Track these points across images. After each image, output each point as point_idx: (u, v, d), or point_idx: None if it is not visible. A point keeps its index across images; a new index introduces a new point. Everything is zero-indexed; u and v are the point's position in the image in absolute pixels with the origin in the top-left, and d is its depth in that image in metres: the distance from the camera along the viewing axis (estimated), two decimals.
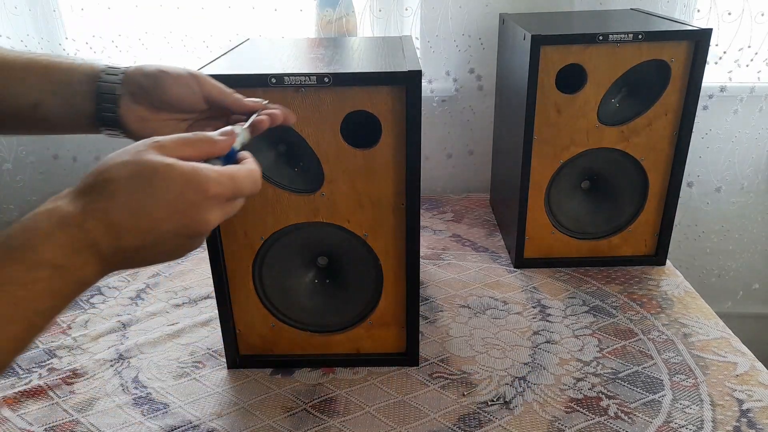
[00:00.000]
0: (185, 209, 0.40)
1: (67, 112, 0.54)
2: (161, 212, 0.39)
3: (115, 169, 0.39)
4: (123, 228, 0.39)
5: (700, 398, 0.69)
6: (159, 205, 0.39)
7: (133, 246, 0.39)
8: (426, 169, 1.31)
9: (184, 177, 0.40)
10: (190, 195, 0.40)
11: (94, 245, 0.38)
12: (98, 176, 0.40)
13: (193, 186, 0.40)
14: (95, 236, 0.38)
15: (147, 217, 0.39)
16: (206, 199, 0.41)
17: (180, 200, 0.40)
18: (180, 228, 0.40)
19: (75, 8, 1.23)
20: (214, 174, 0.41)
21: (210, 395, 0.72)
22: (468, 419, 0.67)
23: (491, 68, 1.19)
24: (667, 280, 0.94)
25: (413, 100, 0.62)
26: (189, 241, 0.42)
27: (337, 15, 1.11)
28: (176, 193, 0.39)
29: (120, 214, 0.38)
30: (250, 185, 0.45)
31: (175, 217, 0.40)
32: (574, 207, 0.97)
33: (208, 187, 0.41)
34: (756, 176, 1.31)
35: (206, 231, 0.42)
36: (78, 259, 0.38)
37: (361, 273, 0.72)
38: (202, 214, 0.41)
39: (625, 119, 0.90)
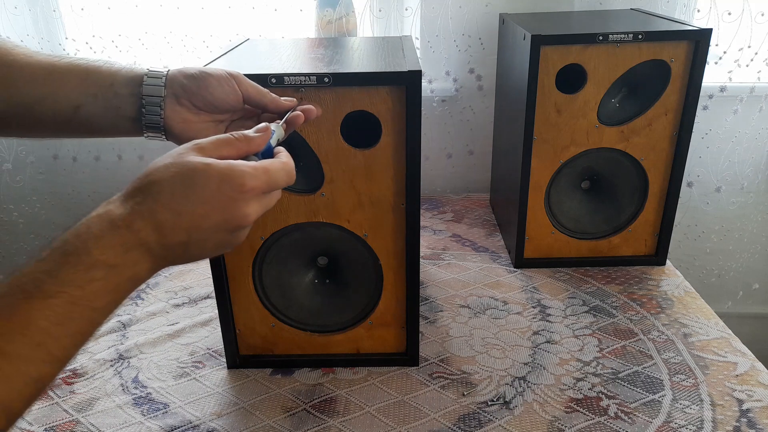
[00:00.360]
0: (224, 205, 0.42)
1: (109, 114, 0.55)
2: (202, 209, 0.42)
3: (159, 172, 0.42)
4: (168, 226, 0.41)
5: (700, 398, 0.69)
6: (199, 203, 0.42)
7: (178, 242, 0.42)
8: (426, 169, 1.31)
9: (221, 174, 0.42)
10: (227, 191, 0.42)
11: (143, 244, 0.41)
12: (144, 179, 0.42)
13: (229, 182, 0.42)
14: (144, 236, 0.40)
15: (189, 215, 0.42)
16: (242, 193, 0.43)
17: (218, 197, 0.42)
18: (221, 223, 0.43)
19: (75, 8, 1.23)
20: (248, 169, 0.44)
21: (210, 395, 0.72)
22: (468, 419, 0.67)
23: (491, 68, 1.19)
24: (667, 280, 0.94)
25: (413, 100, 0.62)
26: (232, 236, 0.44)
27: (337, 15, 1.11)
28: (214, 190, 0.42)
29: (164, 213, 0.41)
30: (285, 177, 0.47)
31: (215, 213, 0.42)
32: (574, 207, 0.97)
33: (243, 181, 0.43)
34: (756, 176, 1.31)
35: (247, 224, 0.44)
36: (129, 258, 0.40)
37: (361, 273, 0.72)
38: (241, 208, 0.43)
39: (625, 119, 0.90)
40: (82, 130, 0.56)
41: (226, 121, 0.58)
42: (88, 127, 0.56)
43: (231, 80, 0.56)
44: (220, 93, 0.55)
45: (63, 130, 0.56)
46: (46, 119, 0.54)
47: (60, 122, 0.55)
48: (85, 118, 0.55)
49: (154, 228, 0.41)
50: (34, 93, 0.53)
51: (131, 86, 0.55)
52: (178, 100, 0.55)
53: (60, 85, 0.54)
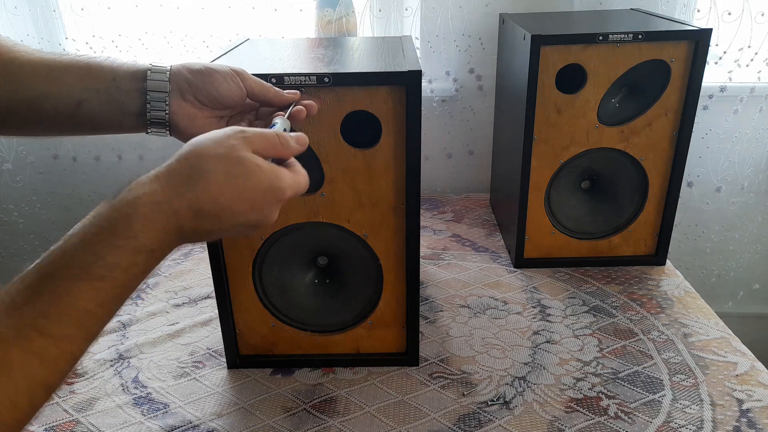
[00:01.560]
0: (261, 207, 0.45)
1: (111, 110, 0.55)
2: (242, 206, 0.44)
3: (212, 162, 0.43)
4: (207, 215, 0.43)
5: (700, 398, 0.69)
6: (242, 201, 0.44)
7: (208, 229, 0.44)
8: (426, 169, 1.31)
9: (270, 181, 0.45)
10: (270, 197, 0.45)
11: (180, 228, 0.42)
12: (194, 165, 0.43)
13: (274, 190, 0.45)
14: (183, 221, 0.42)
15: (229, 210, 0.43)
16: (280, 201, 0.46)
17: (260, 200, 0.45)
18: (251, 220, 0.45)
19: (75, 8, 1.23)
20: (291, 182, 0.47)
21: (210, 395, 0.72)
22: (468, 419, 0.67)
23: (491, 68, 1.19)
24: (667, 280, 0.94)
25: (413, 100, 0.62)
26: (251, 231, 0.47)
27: (337, 15, 1.11)
28: (260, 193, 0.44)
29: (208, 204, 0.42)
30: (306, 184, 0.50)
31: (252, 212, 0.45)
32: (574, 207, 0.97)
33: (285, 193, 0.46)
34: (756, 176, 1.31)
35: (269, 222, 0.47)
36: (166, 241, 0.42)
37: (361, 273, 0.72)
38: (273, 213, 0.46)
39: (625, 119, 0.90)
40: (85, 126, 0.56)
41: (227, 116, 0.58)
42: (90, 123, 0.55)
43: (235, 76, 0.56)
44: (225, 89, 0.55)
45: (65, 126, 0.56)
46: (49, 115, 0.54)
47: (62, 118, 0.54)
48: (87, 113, 0.54)
49: (195, 215, 0.42)
50: (36, 89, 0.53)
51: (134, 81, 0.54)
52: (183, 95, 0.55)
53: (62, 80, 0.53)
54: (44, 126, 0.56)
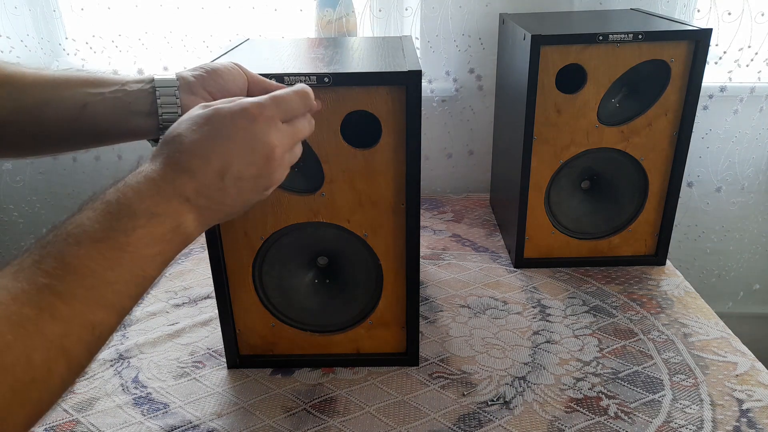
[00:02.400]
0: (243, 137, 0.44)
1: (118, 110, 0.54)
2: (225, 146, 0.44)
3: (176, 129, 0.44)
4: (199, 171, 0.43)
5: (700, 398, 0.69)
6: (221, 141, 0.44)
7: (215, 187, 0.43)
8: (426, 169, 1.31)
9: (231, 111, 0.45)
10: (242, 123, 0.44)
11: (181, 194, 0.42)
12: (166, 138, 0.44)
13: (240, 115, 0.44)
14: (179, 185, 0.42)
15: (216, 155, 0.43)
16: (256, 122, 0.45)
17: (235, 130, 0.44)
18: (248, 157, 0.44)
19: (75, 8, 1.23)
20: (255, 100, 0.46)
21: (210, 395, 0.72)
22: (468, 419, 0.67)
23: (491, 68, 1.19)
24: (667, 280, 0.94)
25: (413, 100, 0.62)
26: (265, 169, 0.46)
27: (337, 15, 1.11)
28: (230, 126, 0.44)
29: (193, 159, 0.43)
30: (299, 100, 0.48)
31: (239, 147, 0.44)
32: (574, 207, 0.97)
33: (252, 109, 0.45)
34: (756, 176, 1.31)
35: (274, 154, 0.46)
36: (170, 207, 0.41)
37: (361, 273, 0.72)
38: (261, 138, 0.45)
39: (625, 119, 0.90)
40: (88, 132, 0.55)
41: None
42: (94, 128, 0.54)
43: (236, 67, 0.57)
44: (229, 77, 0.56)
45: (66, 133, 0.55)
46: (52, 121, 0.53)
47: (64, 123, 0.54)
48: (91, 116, 0.54)
49: (189, 175, 0.42)
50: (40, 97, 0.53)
51: (142, 83, 0.55)
52: (192, 89, 0.55)
53: (66, 87, 0.53)
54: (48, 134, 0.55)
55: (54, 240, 0.37)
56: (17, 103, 0.53)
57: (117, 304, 0.39)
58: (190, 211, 0.43)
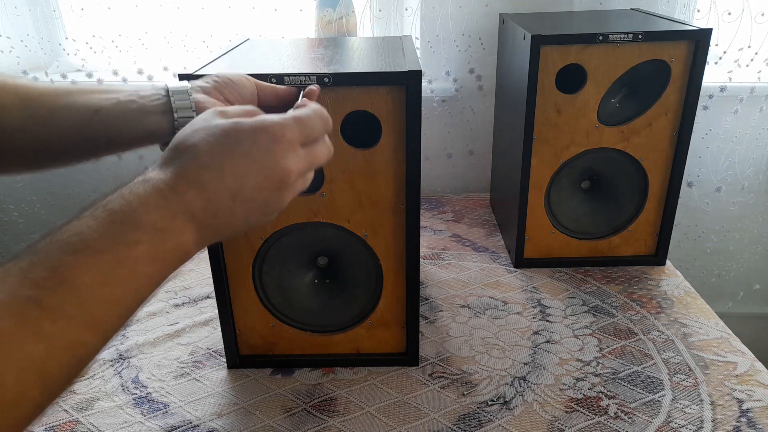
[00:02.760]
0: (261, 158, 0.41)
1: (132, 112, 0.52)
2: (243, 165, 0.41)
3: (192, 137, 0.41)
4: (212, 188, 0.40)
5: (700, 398, 0.69)
6: (238, 159, 0.41)
7: (224, 206, 0.41)
8: (426, 169, 1.31)
9: (252, 128, 0.42)
10: (263, 143, 0.41)
11: (188, 210, 0.39)
12: (178, 146, 0.41)
13: (263, 133, 0.42)
14: (188, 199, 0.39)
15: (231, 173, 0.40)
16: (277, 143, 0.42)
17: (255, 150, 0.41)
18: (263, 179, 0.42)
19: (75, 8, 1.23)
20: (278, 119, 0.43)
21: (210, 395, 0.72)
22: (468, 419, 0.67)
23: (491, 68, 1.19)
24: (667, 280, 0.94)
25: (413, 100, 0.62)
26: (276, 195, 0.43)
27: (337, 15, 1.11)
28: (250, 144, 0.41)
29: (207, 173, 0.40)
30: (320, 123, 0.45)
31: (256, 167, 0.41)
32: (574, 207, 0.97)
33: (274, 130, 0.42)
34: (756, 176, 1.31)
35: (289, 180, 0.43)
36: (175, 223, 0.39)
37: (361, 273, 0.72)
38: (280, 161, 0.42)
39: (625, 119, 0.90)
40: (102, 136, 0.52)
41: None
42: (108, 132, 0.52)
43: (245, 76, 0.57)
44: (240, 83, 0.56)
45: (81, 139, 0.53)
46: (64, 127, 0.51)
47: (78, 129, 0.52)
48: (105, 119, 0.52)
49: (199, 190, 0.39)
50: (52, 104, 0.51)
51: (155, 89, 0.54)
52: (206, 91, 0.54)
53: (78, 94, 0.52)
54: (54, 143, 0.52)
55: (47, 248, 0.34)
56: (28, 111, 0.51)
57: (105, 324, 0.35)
58: (193, 230, 0.40)
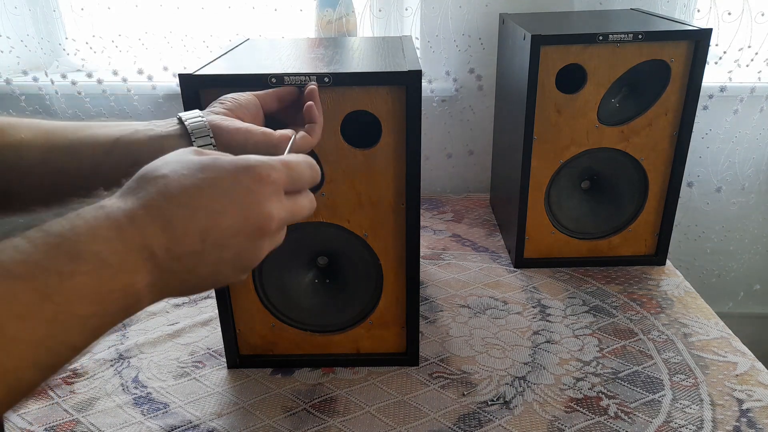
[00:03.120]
0: (242, 198, 0.36)
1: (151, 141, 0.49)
2: (218, 204, 0.35)
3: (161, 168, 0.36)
4: (179, 226, 0.34)
5: (700, 398, 0.69)
6: (215, 196, 0.35)
7: (190, 251, 0.34)
8: (426, 169, 1.31)
9: (235, 165, 0.37)
10: (245, 181, 0.36)
11: (146, 247, 0.33)
12: (145, 176, 0.36)
13: (246, 172, 0.36)
14: (149, 235, 0.33)
15: (204, 211, 0.35)
16: (262, 184, 0.37)
17: (236, 189, 0.36)
18: (241, 223, 0.36)
19: (75, 8, 1.23)
20: (265, 159, 0.38)
21: (210, 395, 0.72)
22: (468, 419, 0.67)
23: (491, 68, 1.19)
24: (667, 280, 0.94)
25: (413, 100, 0.62)
26: (252, 244, 0.37)
27: (337, 15, 1.11)
28: (230, 181, 0.36)
29: (175, 209, 0.34)
30: (309, 172, 0.41)
31: (233, 208, 0.36)
32: (574, 207, 0.97)
33: (260, 171, 0.37)
34: (757, 177, 1.31)
35: (269, 227, 0.37)
36: (127, 261, 0.32)
37: (361, 273, 0.72)
38: (262, 204, 0.37)
39: (625, 119, 0.90)
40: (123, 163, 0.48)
41: None
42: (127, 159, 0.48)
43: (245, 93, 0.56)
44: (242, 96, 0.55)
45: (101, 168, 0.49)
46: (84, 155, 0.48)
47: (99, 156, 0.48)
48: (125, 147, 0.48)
49: (163, 226, 0.33)
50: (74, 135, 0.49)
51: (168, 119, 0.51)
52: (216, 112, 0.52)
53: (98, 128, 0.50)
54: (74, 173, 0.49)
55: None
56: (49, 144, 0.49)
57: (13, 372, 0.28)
58: (148, 271, 0.33)
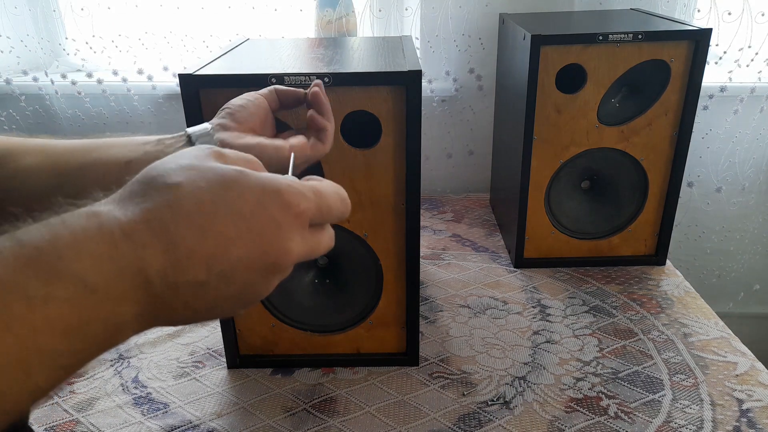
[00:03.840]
0: (262, 227, 0.30)
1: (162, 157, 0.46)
2: (233, 229, 0.29)
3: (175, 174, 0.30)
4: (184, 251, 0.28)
5: (700, 398, 0.69)
6: (231, 220, 0.29)
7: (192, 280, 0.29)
8: (426, 169, 1.31)
9: (262, 186, 0.31)
10: (270, 207, 0.30)
11: (141, 271, 0.27)
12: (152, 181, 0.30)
13: (272, 197, 0.31)
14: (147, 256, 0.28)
15: (215, 237, 0.29)
16: (287, 215, 0.31)
17: (258, 214, 0.30)
18: (254, 254, 0.30)
19: (75, 8, 1.23)
20: (297, 185, 0.32)
21: (210, 395, 0.72)
22: (468, 419, 0.67)
23: (491, 68, 1.19)
24: (667, 280, 0.94)
25: (413, 100, 0.62)
26: (262, 279, 0.31)
27: (337, 15, 1.11)
28: (254, 205, 0.30)
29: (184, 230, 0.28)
30: (340, 205, 0.35)
31: (250, 237, 0.30)
32: (574, 207, 0.97)
33: (289, 198, 0.31)
34: (757, 177, 1.31)
35: (285, 265, 0.31)
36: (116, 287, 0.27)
37: (361, 273, 0.72)
38: (283, 238, 0.31)
39: (625, 119, 0.90)
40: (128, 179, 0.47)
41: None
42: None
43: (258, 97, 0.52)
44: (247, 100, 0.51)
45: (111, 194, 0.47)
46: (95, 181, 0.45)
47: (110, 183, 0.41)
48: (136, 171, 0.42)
49: (165, 248, 0.28)
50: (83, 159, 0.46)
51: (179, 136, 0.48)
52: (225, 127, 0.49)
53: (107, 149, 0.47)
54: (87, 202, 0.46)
55: None
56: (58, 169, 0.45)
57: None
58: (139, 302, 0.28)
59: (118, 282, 0.27)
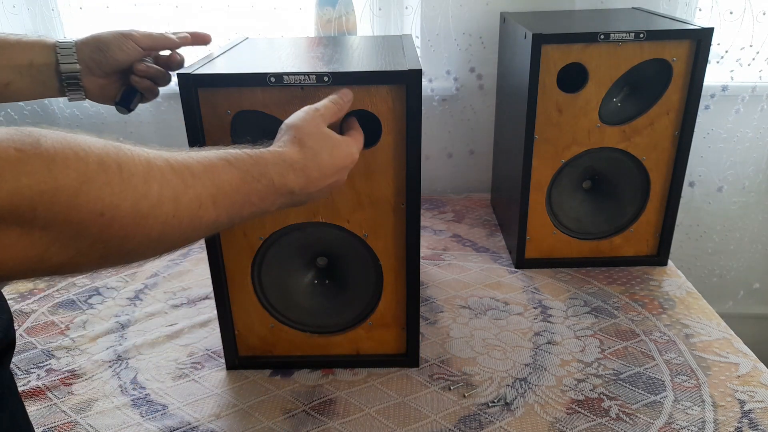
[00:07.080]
0: (339, 170, 0.56)
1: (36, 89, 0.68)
2: (329, 170, 0.55)
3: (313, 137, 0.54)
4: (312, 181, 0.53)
5: (702, 399, 0.68)
6: (330, 165, 0.54)
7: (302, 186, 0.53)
8: (426, 168, 1.30)
9: (348, 150, 0.57)
10: (346, 162, 0.56)
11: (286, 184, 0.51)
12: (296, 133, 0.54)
13: (349, 157, 0.57)
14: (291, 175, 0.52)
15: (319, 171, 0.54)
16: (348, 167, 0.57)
17: (341, 164, 0.56)
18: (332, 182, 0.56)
19: (73, 6, 1.23)
20: (356, 149, 0.58)
21: (209, 396, 0.72)
22: (468, 420, 0.67)
23: (492, 67, 1.19)
24: (669, 280, 0.93)
25: (413, 99, 0.62)
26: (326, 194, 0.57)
27: (337, 13, 1.10)
28: (341, 159, 0.55)
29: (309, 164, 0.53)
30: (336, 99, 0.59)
31: (334, 175, 0.55)
32: (576, 207, 0.96)
33: (354, 158, 0.57)
34: (758, 176, 1.31)
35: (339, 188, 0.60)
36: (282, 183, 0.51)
37: (361, 273, 0.72)
38: (344, 175, 0.58)
39: (626, 119, 0.90)
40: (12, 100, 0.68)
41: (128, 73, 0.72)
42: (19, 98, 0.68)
43: (128, 40, 0.69)
44: (123, 56, 0.69)
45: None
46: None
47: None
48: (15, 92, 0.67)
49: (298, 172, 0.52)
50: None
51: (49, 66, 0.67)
52: (92, 71, 0.69)
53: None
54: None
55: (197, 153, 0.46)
56: None
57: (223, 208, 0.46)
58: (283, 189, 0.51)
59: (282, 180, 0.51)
